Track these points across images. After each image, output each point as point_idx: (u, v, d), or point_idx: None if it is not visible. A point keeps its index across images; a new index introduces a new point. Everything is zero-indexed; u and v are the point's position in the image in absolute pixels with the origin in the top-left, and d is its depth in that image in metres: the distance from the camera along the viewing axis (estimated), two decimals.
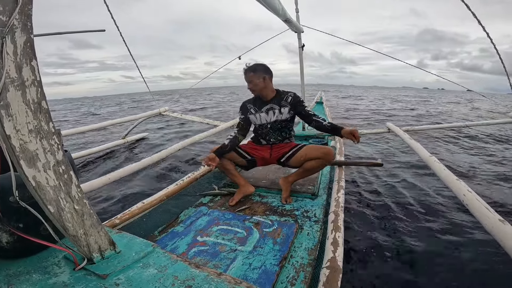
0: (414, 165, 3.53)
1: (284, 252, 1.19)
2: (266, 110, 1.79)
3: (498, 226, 0.98)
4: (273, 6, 2.17)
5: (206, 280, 0.66)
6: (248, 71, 1.73)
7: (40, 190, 0.59)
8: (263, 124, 1.81)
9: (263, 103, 1.80)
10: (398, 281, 1.41)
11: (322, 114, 5.09)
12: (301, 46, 3.53)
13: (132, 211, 1.38)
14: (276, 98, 1.78)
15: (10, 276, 0.68)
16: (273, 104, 1.78)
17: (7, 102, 0.52)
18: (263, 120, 1.80)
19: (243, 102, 1.90)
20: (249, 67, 1.74)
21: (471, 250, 1.65)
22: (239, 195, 1.75)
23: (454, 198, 2.29)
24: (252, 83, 1.73)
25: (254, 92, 1.77)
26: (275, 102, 1.78)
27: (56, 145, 0.62)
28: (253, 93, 1.80)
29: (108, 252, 0.74)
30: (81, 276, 0.67)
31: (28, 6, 0.53)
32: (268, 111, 1.78)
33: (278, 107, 1.77)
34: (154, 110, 3.80)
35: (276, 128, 1.80)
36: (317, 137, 3.37)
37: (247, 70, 1.73)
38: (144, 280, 0.66)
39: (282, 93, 1.80)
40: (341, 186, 1.69)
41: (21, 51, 0.53)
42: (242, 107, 1.88)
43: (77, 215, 0.67)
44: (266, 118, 1.79)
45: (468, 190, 1.27)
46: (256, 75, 1.72)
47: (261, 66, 1.74)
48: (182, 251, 1.21)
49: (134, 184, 2.61)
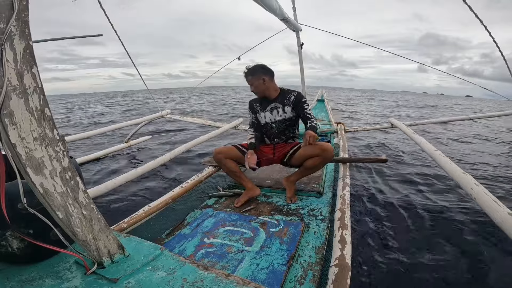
0: (418, 160, 3.51)
1: (291, 252, 1.19)
2: (271, 109, 1.80)
3: (507, 220, 0.97)
4: (270, 5, 2.17)
5: (215, 282, 0.66)
6: (247, 74, 1.74)
7: (48, 197, 0.60)
8: (268, 123, 1.82)
9: (267, 102, 1.81)
10: (407, 277, 1.40)
11: (324, 111, 5.07)
12: (299, 44, 3.53)
13: (139, 214, 1.39)
14: (280, 97, 1.79)
15: (24, 282, 0.69)
16: (277, 103, 1.79)
17: (10, 111, 0.52)
18: (268, 119, 1.82)
19: (250, 101, 1.91)
20: (248, 71, 1.74)
21: (482, 246, 1.64)
22: (245, 197, 1.73)
23: (462, 193, 2.27)
24: (253, 85, 1.74)
25: (258, 94, 1.79)
26: (279, 101, 1.79)
27: (62, 152, 0.62)
28: (256, 95, 1.81)
29: (118, 256, 0.74)
30: (93, 281, 0.68)
31: (25, 13, 0.53)
32: (273, 110, 1.80)
33: (282, 106, 1.78)
34: (156, 113, 3.81)
35: (280, 127, 1.81)
36: (319, 135, 3.36)
37: (246, 73, 1.75)
38: (154, 283, 0.66)
39: (286, 92, 1.81)
40: (346, 183, 1.68)
41: (21, 58, 0.53)
42: (250, 107, 1.90)
43: (86, 220, 0.67)
44: (271, 117, 1.80)
45: (475, 183, 1.25)
46: (255, 77, 1.73)
47: (259, 67, 1.74)
48: (189, 253, 1.21)
49: (139, 188, 2.62)
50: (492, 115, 3.89)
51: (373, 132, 5.33)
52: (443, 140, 5.21)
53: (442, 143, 4.84)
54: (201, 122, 3.93)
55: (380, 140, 4.85)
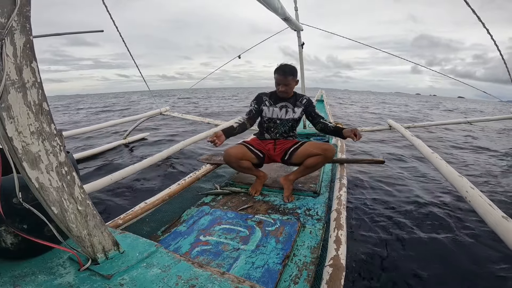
0: (416, 162, 3.53)
1: (286, 251, 1.19)
2: (281, 106, 1.85)
3: (501, 223, 0.98)
4: (272, 4, 2.17)
5: (210, 279, 0.66)
6: (287, 74, 1.74)
7: (44, 192, 0.60)
8: (273, 118, 1.87)
9: (279, 99, 1.86)
10: (402, 278, 1.41)
11: (323, 112, 5.08)
12: (300, 44, 3.52)
13: (135, 211, 1.38)
14: (293, 98, 1.87)
15: (16, 277, 0.68)
16: (288, 103, 1.85)
17: (8, 104, 0.52)
18: (274, 115, 1.86)
19: (259, 93, 1.93)
20: (289, 70, 1.74)
21: (476, 248, 1.65)
22: (260, 184, 1.86)
23: (458, 195, 2.29)
24: (289, 86, 1.77)
25: (285, 93, 1.80)
26: (291, 102, 1.85)
27: (58, 146, 0.62)
28: (283, 94, 1.81)
29: (112, 253, 0.74)
30: (86, 277, 0.67)
31: (26, 8, 0.53)
32: (282, 108, 1.85)
33: (292, 107, 1.85)
34: (155, 110, 3.80)
35: (285, 125, 1.87)
36: (318, 135, 3.37)
37: (287, 73, 1.73)
38: (148, 280, 0.66)
39: (298, 95, 1.90)
40: (343, 184, 1.69)
41: (20, 53, 0.53)
42: (257, 97, 1.91)
43: (81, 216, 0.67)
44: (278, 113, 1.85)
45: (470, 186, 1.27)
46: (294, 79, 1.78)
47: (296, 70, 1.79)
48: (185, 251, 1.22)
49: (136, 184, 2.61)
50: (489, 119, 3.92)
51: (371, 133, 5.35)
52: (442, 142, 5.24)
53: (441, 145, 4.87)
54: (199, 120, 3.93)
55: (378, 142, 4.87)
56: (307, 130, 3.65)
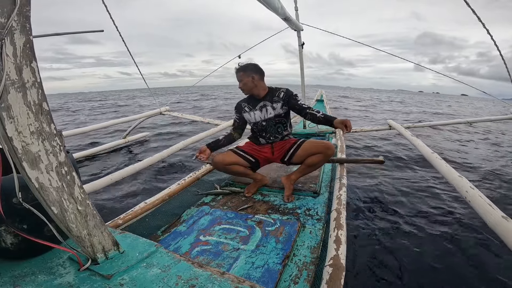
0: (416, 162, 3.53)
1: (286, 251, 1.19)
2: (260, 107, 1.83)
3: (501, 223, 0.98)
4: (272, 4, 2.17)
5: (210, 280, 0.66)
6: (238, 70, 1.78)
7: (43, 192, 0.60)
8: (258, 121, 1.85)
9: (256, 101, 1.84)
10: (402, 278, 1.41)
11: (323, 111, 5.08)
12: (300, 44, 3.52)
13: (135, 211, 1.38)
14: (269, 95, 1.83)
15: (16, 277, 0.68)
16: (266, 102, 1.82)
17: (8, 104, 0.52)
18: (257, 118, 1.84)
19: (238, 102, 1.95)
20: (240, 67, 1.78)
21: (477, 248, 1.65)
22: (256, 186, 1.85)
23: (458, 195, 2.29)
24: (242, 82, 1.77)
25: (244, 91, 1.82)
26: (268, 99, 1.82)
27: (58, 146, 0.62)
28: (243, 92, 1.84)
29: (112, 253, 0.74)
30: (86, 277, 0.67)
31: (26, 8, 0.53)
32: (262, 109, 1.82)
33: (271, 104, 1.81)
34: (155, 109, 3.80)
35: (271, 124, 1.83)
36: (318, 135, 3.37)
37: (238, 69, 1.78)
38: (148, 280, 0.66)
39: (274, 90, 1.84)
40: (343, 184, 1.69)
41: (20, 52, 0.53)
42: (237, 107, 1.94)
43: (81, 216, 0.67)
44: (260, 115, 1.83)
45: (470, 186, 1.27)
46: (245, 74, 1.76)
47: (251, 65, 1.78)
48: (185, 251, 1.22)
49: (136, 184, 2.61)
50: (489, 119, 3.92)
51: (370, 133, 5.34)
52: (442, 142, 5.24)
53: (440, 145, 4.87)
54: (199, 120, 3.92)
55: (378, 142, 4.87)
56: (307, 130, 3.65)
